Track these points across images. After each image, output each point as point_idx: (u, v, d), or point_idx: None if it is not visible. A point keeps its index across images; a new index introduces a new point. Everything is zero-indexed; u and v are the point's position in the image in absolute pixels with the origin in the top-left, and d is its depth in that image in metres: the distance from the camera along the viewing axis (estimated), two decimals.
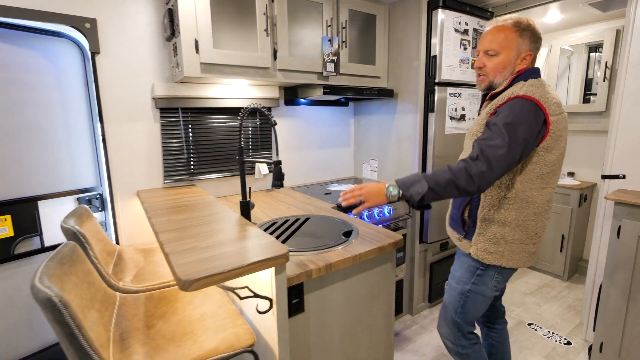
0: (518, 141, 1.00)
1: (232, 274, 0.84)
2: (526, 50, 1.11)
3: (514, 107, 1.04)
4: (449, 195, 1.04)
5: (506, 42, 1.11)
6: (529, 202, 1.11)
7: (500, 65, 1.13)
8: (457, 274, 1.28)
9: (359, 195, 1.10)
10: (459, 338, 1.31)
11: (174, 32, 1.56)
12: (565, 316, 2.27)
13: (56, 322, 0.71)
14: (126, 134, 1.70)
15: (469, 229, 1.23)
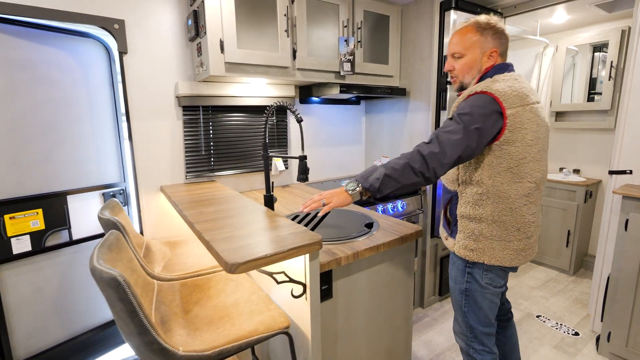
0: (471, 129, 1.04)
1: (273, 259, 0.91)
2: (490, 47, 1.15)
3: (470, 101, 1.09)
4: (407, 180, 1.06)
5: (469, 43, 1.16)
6: (501, 197, 1.12)
7: (467, 66, 1.18)
8: (452, 274, 1.30)
9: (320, 199, 1.09)
10: (471, 340, 1.29)
11: (199, 33, 1.62)
12: (572, 309, 2.34)
13: (119, 299, 0.77)
14: (151, 131, 1.76)
15: (452, 228, 1.25)
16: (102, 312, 1.90)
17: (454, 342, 2.00)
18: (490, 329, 1.28)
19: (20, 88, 1.51)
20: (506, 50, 1.19)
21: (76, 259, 1.77)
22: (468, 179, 1.17)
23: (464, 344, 1.33)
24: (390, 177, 1.05)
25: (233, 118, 1.98)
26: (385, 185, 1.06)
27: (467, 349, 1.32)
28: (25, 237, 1.61)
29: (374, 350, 1.33)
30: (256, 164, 2.10)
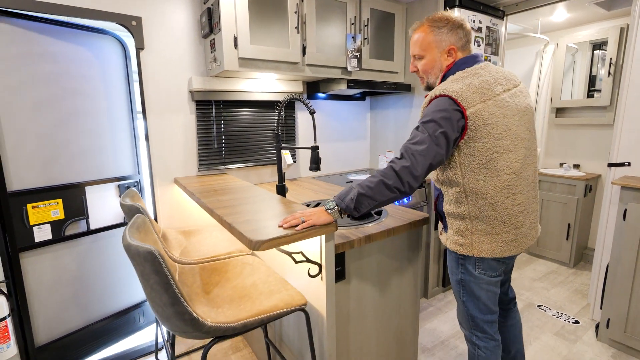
0: (436, 135, 1.04)
1: (293, 238, 0.97)
2: (447, 44, 1.15)
3: (431, 106, 1.10)
4: (383, 196, 1.05)
5: (425, 43, 1.17)
6: (479, 193, 1.12)
7: (428, 66, 1.20)
8: (449, 265, 1.33)
9: (300, 216, 1.05)
10: (473, 328, 1.33)
11: (212, 30, 1.68)
12: (572, 299, 2.40)
13: (155, 272, 0.83)
14: (166, 125, 1.83)
15: (444, 223, 1.29)
16: (118, 300, 1.97)
17: (458, 330, 2.06)
18: (491, 316, 1.30)
19: (42, 80, 1.57)
20: (467, 42, 1.19)
21: (93, 248, 1.84)
22: (446, 179, 1.19)
23: (467, 332, 1.37)
24: (365, 195, 1.05)
25: (243, 113, 2.04)
26: (361, 204, 1.05)
27: (470, 337, 1.35)
28: (46, 225, 1.68)
29: (384, 333, 1.40)
30: (265, 158, 2.16)
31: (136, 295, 2.05)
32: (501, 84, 1.12)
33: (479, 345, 1.32)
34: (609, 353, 1.86)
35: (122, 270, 1.96)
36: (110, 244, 1.91)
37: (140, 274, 0.89)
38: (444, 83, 1.13)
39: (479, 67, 1.15)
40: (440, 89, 1.11)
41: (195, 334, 0.90)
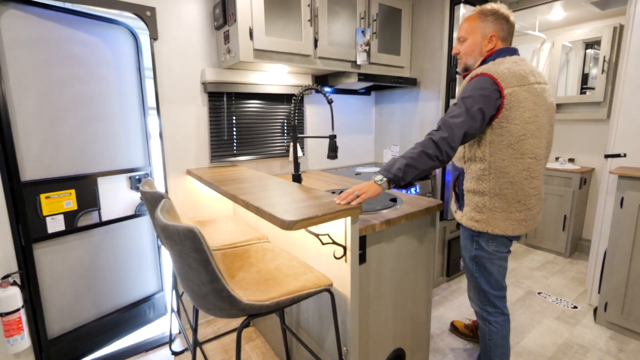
0: (473, 110, 1.15)
1: (324, 218, 1.00)
2: (490, 32, 1.27)
3: (472, 84, 1.21)
4: (425, 165, 1.15)
5: (471, 28, 1.31)
6: (502, 172, 1.23)
7: (469, 48, 1.32)
8: (463, 243, 1.45)
9: (354, 192, 1.13)
10: (485, 303, 1.44)
11: (227, 21, 1.70)
12: (570, 286, 2.49)
13: (194, 249, 0.86)
14: (179, 116, 1.84)
15: (460, 201, 1.40)
16: (129, 293, 1.97)
17: (464, 317, 2.13)
18: (501, 292, 1.41)
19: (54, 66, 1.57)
20: (509, 35, 1.30)
21: (106, 239, 1.84)
22: (473, 156, 1.29)
23: (478, 308, 1.47)
24: (410, 165, 1.14)
25: (254, 105, 2.06)
26: (407, 173, 1.14)
27: (481, 312, 1.46)
28: (59, 216, 1.67)
29: (400, 315, 1.44)
30: (274, 150, 2.19)
31: (146, 288, 2.05)
32: (535, 76, 1.23)
33: (490, 320, 1.43)
34: (607, 334, 1.95)
35: (133, 262, 1.97)
36: (121, 235, 1.91)
37: (177, 253, 0.92)
38: (485, 65, 1.24)
39: (518, 58, 1.25)
40: (482, 69, 1.22)
41: (231, 311, 0.93)
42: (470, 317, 2.12)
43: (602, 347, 1.85)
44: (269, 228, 1.69)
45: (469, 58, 1.33)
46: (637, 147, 1.97)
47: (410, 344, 1.52)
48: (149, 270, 2.07)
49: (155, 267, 2.09)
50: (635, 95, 1.95)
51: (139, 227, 1.98)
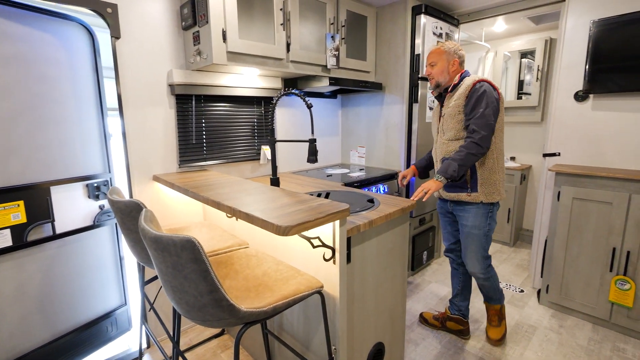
0: (494, 112, 1.58)
1: (318, 222, 1.03)
2: (453, 58, 1.70)
3: (484, 91, 1.58)
4: (472, 162, 1.58)
5: (439, 56, 1.71)
6: (498, 150, 1.68)
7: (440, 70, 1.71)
8: (475, 224, 1.74)
9: (422, 190, 1.57)
10: (486, 267, 1.81)
11: (197, 21, 1.65)
12: (516, 272, 2.79)
13: (193, 260, 0.83)
14: (143, 119, 1.73)
15: (472, 185, 1.70)
16: (87, 310, 1.81)
17: (430, 307, 2.28)
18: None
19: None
20: (463, 61, 1.73)
21: (61, 253, 1.67)
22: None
23: (482, 275, 1.81)
24: (462, 166, 1.56)
25: (224, 108, 2.01)
26: (460, 172, 1.57)
27: (486, 275, 1.82)
28: (6, 231, 1.49)
29: (380, 310, 1.51)
30: (246, 154, 2.15)
31: (107, 303, 1.91)
32: None
33: (491, 274, 1.84)
34: (549, 313, 2.22)
35: (92, 277, 1.81)
36: (78, 248, 1.75)
37: (172, 265, 0.88)
38: (472, 78, 1.65)
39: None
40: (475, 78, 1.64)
41: (230, 320, 0.92)
42: (436, 309, 2.28)
43: (546, 324, 2.10)
44: (246, 233, 1.67)
45: (440, 77, 1.72)
46: (569, 147, 2.26)
47: (389, 338, 1.60)
48: (110, 283, 1.92)
49: (117, 280, 1.95)
50: (566, 102, 2.24)
51: (99, 239, 1.83)
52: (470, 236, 1.76)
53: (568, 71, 2.20)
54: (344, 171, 2.45)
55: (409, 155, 2.42)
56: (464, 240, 1.80)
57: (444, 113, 1.73)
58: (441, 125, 1.75)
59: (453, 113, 1.67)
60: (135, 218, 1.24)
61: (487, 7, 2.47)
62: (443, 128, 1.74)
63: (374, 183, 2.22)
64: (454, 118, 1.67)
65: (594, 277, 2.06)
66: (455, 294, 2.00)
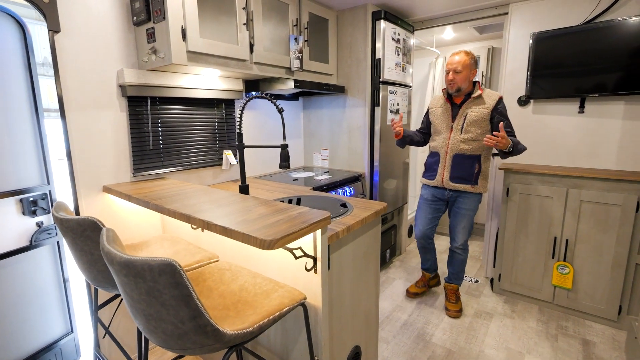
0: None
1: (302, 233, 0.99)
2: (474, 68, 1.99)
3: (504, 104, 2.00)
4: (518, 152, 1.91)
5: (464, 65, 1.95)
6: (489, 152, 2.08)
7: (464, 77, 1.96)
8: (470, 207, 2.10)
9: (502, 135, 1.78)
10: (467, 241, 2.20)
11: (151, 17, 1.51)
12: (470, 263, 2.99)
13: (173, 285, 0.75)
14: (90, 123, 1.55)
15: (476, 179, 2.05)
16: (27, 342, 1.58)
17: (397, 304, 2.35)
18: None
19: None
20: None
21: None
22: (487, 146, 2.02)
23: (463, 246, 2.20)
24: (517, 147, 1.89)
25: (183, 110, 1.87)
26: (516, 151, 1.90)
27: (465, 247, 2.21)
28: None
29: (356, 314, 1.52)
30: (207, 159, 2.03)
31: (50, 333, 1.68)
32: None
33: (468, 248, 2.23)
34: (502, 300, 2.41)
35: (30, 304, 1.58)
36: (12, 273, 1.51)
37: (144, 292, 0.79)
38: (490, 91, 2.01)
39: None
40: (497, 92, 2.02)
41: (215, 346, 0.85)
42: (402, 305, 2.36)
43: (500, 311, 2.28)
44: (214, 245, 1.57)
45: (463, 84, 1.97)
46: None
47: (364, 340, 1.62)
48: (53, 310, 1.69)
49: (61, 306, 1.72)
50: (511, 106, 2.44)
51: (37, 261, 1.60)
52: (465, 216, 2.12)
53: (512, 77, 2.41)
54: (309, 174, 2.42)
55: (372, 157, 2.47)
56: (459, 219, 2.15)
57: (465, 114, 2.00)
58: (456, 124, 2.03)
59: (479, 120, 1.97)
60: (90, 238, 1.09)
61: (439, 16, 2.61)
62: (459, 127, 2.02)
63: (341, 186, 2.23)
64: (478, 124, 1.97)
65: (538, 264, 2.27)
66: (430, 263, 2.42)
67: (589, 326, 2.10)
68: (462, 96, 2.02)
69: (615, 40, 1.95)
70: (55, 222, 1.17)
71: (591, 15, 2.07)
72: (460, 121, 1.99)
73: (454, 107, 2.04)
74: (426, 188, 2.24)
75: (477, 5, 2.38)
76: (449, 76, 1.97)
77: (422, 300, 2.42)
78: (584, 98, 2.15)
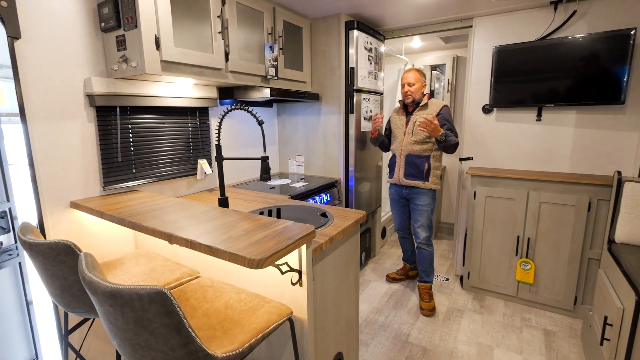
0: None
1: (290, 249, 1.01)
2: (424, 81, 2.29)
3: (448, 112, 2.25)
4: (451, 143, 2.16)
5: (416, 78, 2.25)
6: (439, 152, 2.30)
7: (417, 89, 2.25)
8: (425, 203, 2.32)
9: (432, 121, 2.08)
10: (430, 236, 2.39)
11: (122, 24, 1.45)
12: (439, 262, 3.13)
13: (164, 314, 0.73)
14: (57, 135, 1.46)
15: (426, 176, 2.27)
16: None
17: (374, 306, 2.41)
18: None
19: None
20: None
21: None
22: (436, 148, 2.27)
23: (426, 241, 2.38)
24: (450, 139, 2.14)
25: (155, 120, 1.81)
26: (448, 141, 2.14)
27: (429, 242, 2.39)
28: None
29: (338, 321, 1.55)
30: (180, 169, 1.97)
31: None
32: None
33: (432, 244, 2.42)
34: (471, 296, 2.55)
35: None
36: None
37: (132, 321, 0.76)
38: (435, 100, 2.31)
39: None
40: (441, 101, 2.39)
41: None
42: (378, 306, 2.42)
43: (470, 307, 2.41)
44: (193, 258, 1.53)
45: (417, 95, 2.26)
46: (480, 152, 2.63)
47: (346, 345, 1.65)
48: (15, 336, 1.57)
49: (24, 331, 1.60)
50: (476, 113, 2.59)
51: None
52: (423, 212, 2.33)
53: (477, 86, 2.55)
54: (286, 182, 2.42)
55: (347, 163, 2.52)
56: (417, 215, 2.36)
57: (414, 120, 2.26)
58: (408, 128, 2.30)
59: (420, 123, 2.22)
60: (63, 262, 1.03)
61: (409, 27, 2.71)
62: (410, 131, 2.28)
63: (318, 193, 2.25)
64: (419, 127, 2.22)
65: (503, 261, 2.43)
66: (410, 254, 2.69)
67: (549, 316, 2.28)
68: (413, 105, 2.30)
69: (567, 56, 2.14)
70: (22, 246, 1.09)
71: (546, 32, 2.24)
72: (411, 126, 2.27)
73: (407, 115, 2.33)
74: (390, 187, 2.51)
75: (443, 18, 2.50)
76: (404, 89, 2.26)
77: (398, 300, 2.50)
78: (541, 107, 2.33)
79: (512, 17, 2.35)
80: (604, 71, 2.06)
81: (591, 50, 2.07)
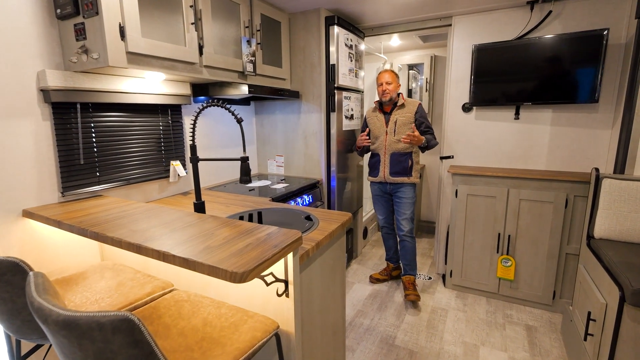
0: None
1: (275, 259, 0.92)
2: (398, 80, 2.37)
3: (423, 110, 2.36)
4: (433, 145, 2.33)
5: (393, 78, 2.32)
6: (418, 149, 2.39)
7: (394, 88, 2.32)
8: (409, 196, 2.41)
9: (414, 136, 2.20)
10: (413, 228, 2.46)
11: (80, 11, 1.29)
12: (421, 261, 3.13)
13: (132, 344, 0.63)
14: (4, 135, 1.28)
15: (409, 171, 2.37)
16: None
17: (359, 309, 2.36)
18: None
19: None
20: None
21: None
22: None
23: (410, 234, 2.45)
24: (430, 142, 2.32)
25: (121, 118, 1.65)
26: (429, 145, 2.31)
27: (412, 235, 2.46)
28: None
29: (325, 328, 1.47)
30: (151, 171, 1.82)
31: None
32: None
33: (414, 237, 2.49)
34: (454, 294, 2.55)
35: None
36: None
37: (92, 354, 0.65)
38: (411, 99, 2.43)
39: None
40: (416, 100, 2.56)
41: None
42: (363, 309, 2.37)
43: (454, 305, 2.41)
44: (166, 268, 1.40)
45: (394, 94, 2.32)
46: (460, 151, 2.63)
47: (332, 353, 1.58)
48: None
49: None
50: (456, 112, 2.60)
51: None
52: (407, 205, 2.40)
53: (456, 85, 2.55)
54: (265, 183, 2.32)
55: (329, 163, 2.45)
56: (402, 208, 2.42)
57: (395, 120, 2.33)
58: (389, 128, 2.34)
59: (406, 123, 2.31)
60: (10, 283, 0.89)
61: (388, 24, 2.67)
62: (392, 130, 2.34)
63: (299, 194, 2.16)
64: (407, 126, 2.31)
65: (485, 258, 2.45)
66: (393, 252, 2.71)
67: (529, 312, 2.32)
68: (390, 105, 2.36)
69: (542, 55, 2.17)
70: None
71: (523, 31, 2.27)
72: (392, 125, 2.33)
73: (385, 115, 2.37)
74: (373, 185, 2.55)
75: (423, 15, 2.48)
76: (382, 87, 2.31)
77: (383, 302, 2.46)
78: (519, 106, 2.36)
79: (491, 16, 2.36)
80: (577, 71, 2.11)
81: (565, 50, 2.11)
